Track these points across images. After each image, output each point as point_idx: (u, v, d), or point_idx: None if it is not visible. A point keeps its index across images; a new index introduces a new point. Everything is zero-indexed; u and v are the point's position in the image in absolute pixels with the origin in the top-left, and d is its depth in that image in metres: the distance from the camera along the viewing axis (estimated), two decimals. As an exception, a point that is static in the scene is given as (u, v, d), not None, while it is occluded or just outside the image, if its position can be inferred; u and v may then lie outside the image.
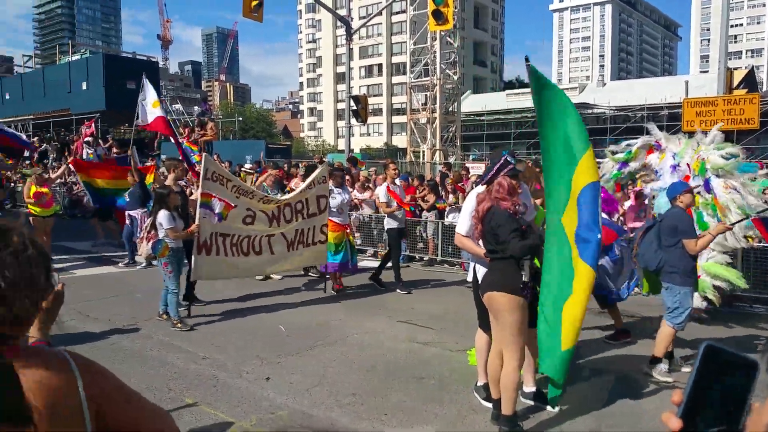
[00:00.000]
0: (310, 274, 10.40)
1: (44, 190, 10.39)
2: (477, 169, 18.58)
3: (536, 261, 4.54)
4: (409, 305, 8.40)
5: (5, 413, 1.05)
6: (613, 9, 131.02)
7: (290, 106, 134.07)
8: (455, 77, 39.81)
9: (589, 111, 53.99)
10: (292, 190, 10.06)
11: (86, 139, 23.44)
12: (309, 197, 8.59)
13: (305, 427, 4.50)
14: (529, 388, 4.96)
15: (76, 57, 39.73)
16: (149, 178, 11.38)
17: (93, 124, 24.26)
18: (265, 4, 15.69)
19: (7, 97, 33.14)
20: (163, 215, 6.95)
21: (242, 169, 17.29)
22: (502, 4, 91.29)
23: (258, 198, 8.14)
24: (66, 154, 21.98)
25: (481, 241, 4.59)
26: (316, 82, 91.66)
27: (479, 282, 4.68)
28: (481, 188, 4.67)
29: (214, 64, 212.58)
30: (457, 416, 4.75)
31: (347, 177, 11.59)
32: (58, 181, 20.28)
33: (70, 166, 12.41)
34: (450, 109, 40.40)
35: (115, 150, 22.87)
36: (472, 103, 63.12)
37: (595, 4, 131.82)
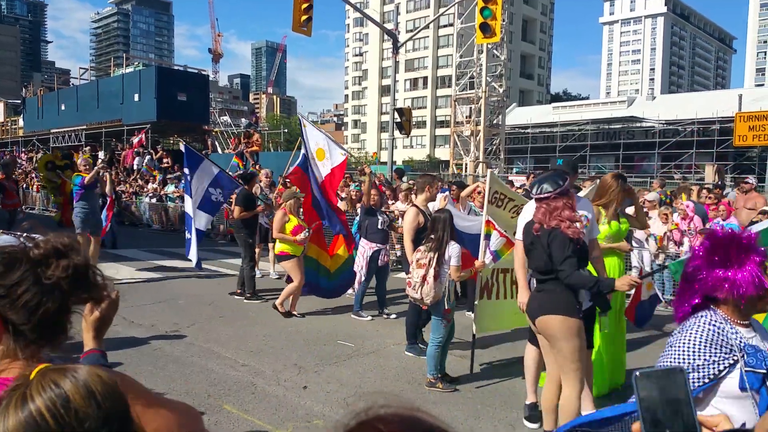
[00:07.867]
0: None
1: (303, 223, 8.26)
2: (519, 181, 18.38)
3: (591, 269, 4.30)
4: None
5: None
6: (665, 22, 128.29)
7: (335, 119, 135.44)
8: (501, 90, 39.66)
9: (638, 125, 52.93)
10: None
11: (136, 149, 24.15)
12: None
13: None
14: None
15: (130, 69, 40.91)
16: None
17: (143, 135, 25.04)
18: (316, 19, 15.83)
19: (63, 108, 34.17)
20: (455, 248, 5.37)
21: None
22: (551, 17, 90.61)
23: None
24: (115, 162, 22.60)
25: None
26: (361, 95, 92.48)
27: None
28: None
29: (262, 77, 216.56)
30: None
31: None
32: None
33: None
34: (494, 121, 40.24)
35: (165, 160, 23.52)
36: (518, 115, 62.72)
37: (647, 16, 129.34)
